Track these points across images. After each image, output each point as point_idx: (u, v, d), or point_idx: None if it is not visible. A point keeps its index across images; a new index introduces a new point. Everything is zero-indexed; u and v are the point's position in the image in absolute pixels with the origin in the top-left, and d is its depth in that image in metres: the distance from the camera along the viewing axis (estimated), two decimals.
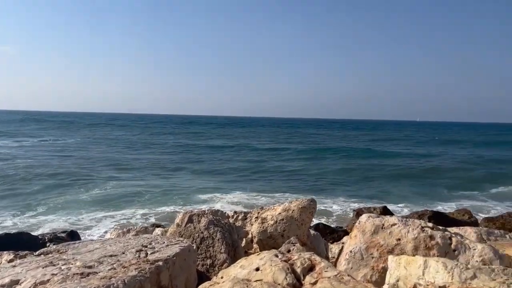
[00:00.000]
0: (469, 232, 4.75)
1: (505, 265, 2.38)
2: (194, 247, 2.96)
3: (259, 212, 4.17)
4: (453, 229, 4.61)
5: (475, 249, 2.53)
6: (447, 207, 14.26)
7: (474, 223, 10.31)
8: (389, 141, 50.12)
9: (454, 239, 2.60)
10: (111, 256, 2.57)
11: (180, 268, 2.61)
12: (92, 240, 3.32)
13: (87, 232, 9.92)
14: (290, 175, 21.39)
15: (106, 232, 9.47)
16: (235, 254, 3.61)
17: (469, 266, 2.02)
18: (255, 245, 3.99)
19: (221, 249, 3.49)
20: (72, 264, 2.36)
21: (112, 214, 11.86)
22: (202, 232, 3.62)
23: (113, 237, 5.27)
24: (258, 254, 2.38)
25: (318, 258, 2.20)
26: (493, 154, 35.20)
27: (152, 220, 11.37)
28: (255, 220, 4.07)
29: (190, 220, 3.74)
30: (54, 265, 2.33)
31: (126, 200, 13.96)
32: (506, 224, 9.55)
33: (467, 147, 42.80)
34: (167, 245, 2.82)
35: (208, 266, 3.44)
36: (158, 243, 2.89)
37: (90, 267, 2.32)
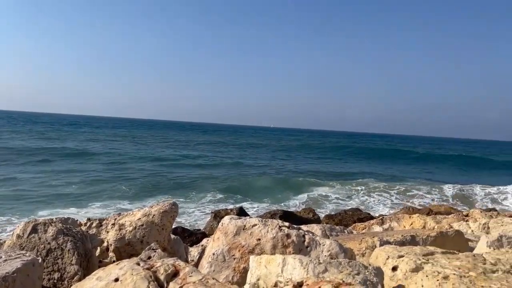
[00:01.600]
0: (316, 229, 5.25)
1: (348, 258, 2.69)
2: (40, 261, 2.61)
3: (116, 219, 3.91)
4: (304, 227, 5.04)
5: (324, 245, 2.79)
6: (293, 206, 15.63)
7: (317, 220, 11.48)
8: (248, 146, 52.44)
9: (307, 237, 2.82)
10: None
11: (22, 285, 2.28)
12: None
13: None
14: (135, 179, 20.65)
15: None
16: (88, 264, 3.31)
17: (320, 261, 2.22)
18: (111, 254, 3.73)
19: (71, 261, 3.16)
20: None
21: None
22: (49, 243, 3.22)
23: None
24: (117, 264, 2.21)
25: (182, 263, 2.16)
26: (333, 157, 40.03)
27: None
28: (112, 227, 3.81)
29: (34, 230, 3.29)
30: None
31: None
32: (343, 220, 10.88)
33: (316, 152, 47.62)
34: (6, 260, 2.43)
35: (55, 281, 3.08)
36: None
37: None
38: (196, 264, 3.23)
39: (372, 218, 10.48)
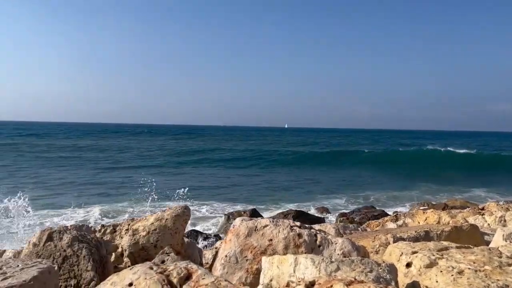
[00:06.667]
0: (329, 228, 5.22)
1: (361, 256, 2.67)
2: (56, 268, 2.65)
3: (129, 224, 3.95)
4: (316, 226, 5.02)
5: (336, 243, 2.78)
6: (307, 207, 15.51)
7: (331, 219, 11.45)
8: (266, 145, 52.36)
9: (319, 236, 2.82)
10: None
11: None
12: None
13: None
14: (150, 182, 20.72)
15: None
16: (103, 270, 3.35)
17: (333, 259, 2.21)
18: (125, 259, 3.76)
19: (87, 267, 3.20)
20: None
21: None
22: (64, 250, 3.27)
23: None
24: (131, 268, 2.23)
25: (195, 266, 2.17)
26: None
27: None
28: (126, 233, 3.84)
29: (49, 238, 3.34)
30: None
31: None
32: (357, 218, 10.82)
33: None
34: (22, 269, 2.47)
35: (72, 287, 3.12)
36: (11, 267, 2.51)
37: None
38: (210, 267, 3.25)
39: (386, 215, 10.41)
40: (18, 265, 2.54)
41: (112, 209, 14.18)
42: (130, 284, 2.10)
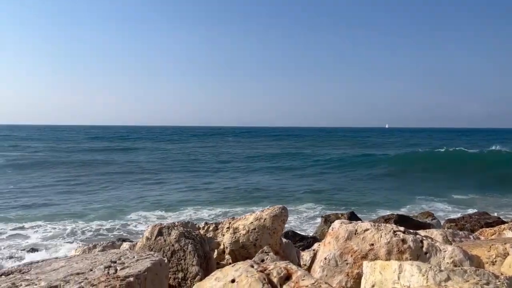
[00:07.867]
0: (435, 234, 4.87)
1: (474, 266, 2.44)
2: (165, 261, 2.86)
3: (230, 222, 4.11)
4: (422, 232, 4.72)
5: (445, 251, 2.58)
6: (408, 211, 14.62)
7: (437, 225, 10.64)
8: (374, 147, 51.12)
9: (425, 242, 2.64)
10: (77, 274, 2.44)
11: (152, 283, 2.52)
12: (56, 258, 3.16)
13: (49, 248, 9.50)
14: (250, 183, 21.25)
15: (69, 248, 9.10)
16: (207, 266, 3.54)
17: (442, 268, 2.05)
18: (227, 256, 3.93)
19: (193, 262, 3.41)
20: (36, 284, 2.22)
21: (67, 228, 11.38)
22: (172, 245, 3.52)
23: (78, 253, 5.05)
24: (233, 266, 2.32)
25: (294, 267, 2.18)
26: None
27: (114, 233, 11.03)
28: (227, 231, 4.01)
29: (160, 233, 3.63)
30: (16, 286, 2.18)
31: (82, 212, 13.47)
32: (468, 225, 9.91)
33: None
34: (138, 260, 2.71)
35: (180, 280, 3.34)
36: (128, 258, 2.77)
37: (55, 287, 2.19)
38: (308, 269, 3.24)
39: (503, 222, 9.37)
40: (134, 257, 2.80)
41: (216, 211, 14.89)
42: (233, 281, 2.18)
